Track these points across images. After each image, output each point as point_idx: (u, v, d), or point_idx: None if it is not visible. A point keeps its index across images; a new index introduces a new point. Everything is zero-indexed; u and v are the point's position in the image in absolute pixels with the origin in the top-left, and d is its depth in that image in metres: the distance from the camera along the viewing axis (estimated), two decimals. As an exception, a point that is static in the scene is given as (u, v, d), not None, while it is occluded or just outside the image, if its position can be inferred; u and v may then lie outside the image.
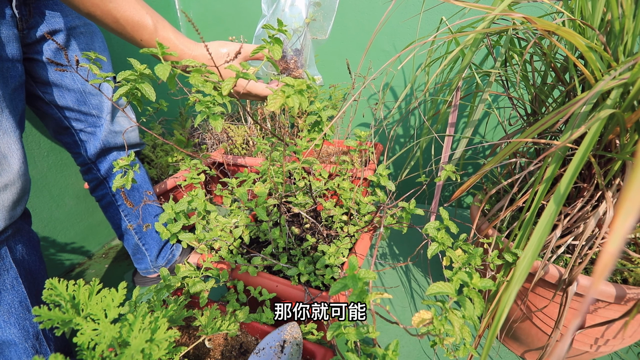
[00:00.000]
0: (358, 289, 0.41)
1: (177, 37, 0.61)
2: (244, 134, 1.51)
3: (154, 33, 0.57)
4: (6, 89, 0.61)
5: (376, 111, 1.17)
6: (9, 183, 0.59)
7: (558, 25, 0.49)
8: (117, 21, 0.54)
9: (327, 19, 0.69)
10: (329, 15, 0.69)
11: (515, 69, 0.80)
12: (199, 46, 0.63)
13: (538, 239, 0.47)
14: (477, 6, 0.59)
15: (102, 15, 0.54)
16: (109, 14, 0.54)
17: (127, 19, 0.54)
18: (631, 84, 0.49)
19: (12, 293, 0.63)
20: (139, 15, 0.55)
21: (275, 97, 0.47)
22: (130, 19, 0.54)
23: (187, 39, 0.62)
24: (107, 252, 1.32)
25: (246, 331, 0.65)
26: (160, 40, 0.57)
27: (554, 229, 0.64)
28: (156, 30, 0.57)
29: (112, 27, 0.56)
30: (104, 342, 0.36)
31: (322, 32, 0.71)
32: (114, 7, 0.53)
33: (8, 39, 0.62)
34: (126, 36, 0.57)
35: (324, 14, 0.69)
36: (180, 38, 0.61)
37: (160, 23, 0.58)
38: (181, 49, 0.61)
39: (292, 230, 0.89)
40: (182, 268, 0.71)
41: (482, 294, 0.80)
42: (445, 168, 0.74)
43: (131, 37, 0.57)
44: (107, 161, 0.92)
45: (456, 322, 0.43)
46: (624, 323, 0.62)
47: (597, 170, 0.57)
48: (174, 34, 0.60)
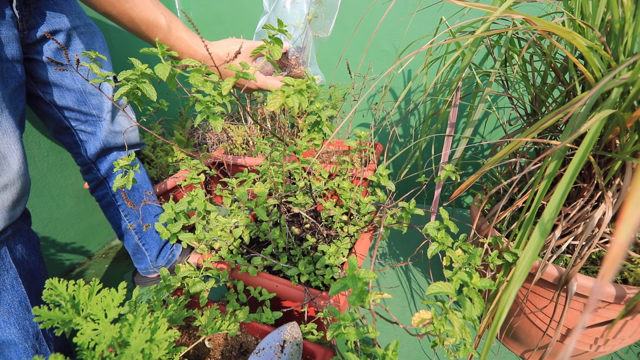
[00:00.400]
0: (358, 289, 0.41)
1: (190, 37, 0.60)
2: (244, 134, 1.51)
3: (167, 33, 0.57)
4: (6, 89, 0.61)
5: (376, 111, 1.17)
6: (9, 183, 0.59)
7: (558, 26, 0.49)
8: (132, 20, 0.55)
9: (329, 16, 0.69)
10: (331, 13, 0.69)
11: (515, 69, 0.80)
12: (211, 45, 0.62)
13: (538, 238, 0.47)
14: (478, 6, 0.59)
15: (118, 15, 0.55)
16: (125, 14, 0.54)
17: (142, 19, 0.55)
18: (631, 84, 0.49)
19: (11, 293, 0.63)
20: (153, 15, 0.55)
21: (274, 97, 0.47)
22: (145, 19, 0.55)
23: (199, 39, 0.62)
24: (107, 252, 1.32)
25: (246, 331, 0.65)
26: (174, 41, 0.58)
27: (554, 229, 0.64)
28: (170, 30, 0.57)
29: (128, 26, 0.56)
30: (104, 342, 0.36)
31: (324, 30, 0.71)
32: (130, 7, 0.54)
33: (8, 39, 0.62)
34: (141, 35, 0.58)
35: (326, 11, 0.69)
36: (193, 38, 0.61)
37: (174, 23, 0.58)
38: (194, 49, 0.61)
39: (292, 230, 0.89)
40: (182, 268, 0.71)
41: (482, 294, 0.81)
42: (444, 168, 0.74)
43: (146, 36, 0.58)
44: (107, 161, 0.92)
45: (456, 322, 0.43)
46: (625, 323, 0.62)
47: (597, 170, 0.57)
48: (187, 34, 0.60)
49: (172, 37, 0.58)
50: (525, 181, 0.76)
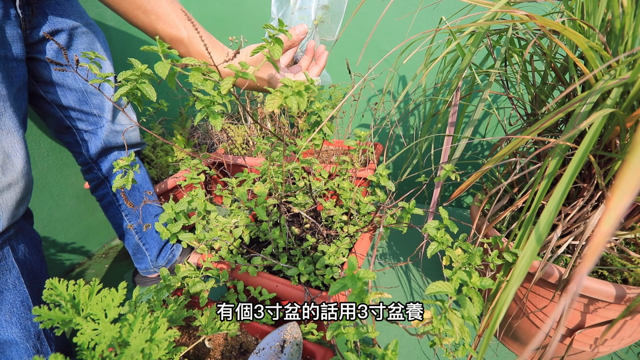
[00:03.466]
0: (357, 289, 0.41)
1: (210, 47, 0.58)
2: (244, 134, 1.51)
3: (189, 46, 0.56)
4: (11, 88, 0.61)
5: (376, 111, 1.17)
6: (13, 182, 0.60)
7: (559, 23, 0.49)
8: (157, 34, 0.55)
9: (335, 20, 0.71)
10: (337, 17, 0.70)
11: (515, 69, 0.80)
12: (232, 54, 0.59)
13: (537, 238, 0.47)
14: (478, 2, 0.59)
15: (143, 28, 0.55)
16: (149, 26, 0.54)
17: (165, 33, 0.54)
18: (631, 84, 0.48)
19: (14, 293, 0.63)
20: (176, 29, 0.54)
21: (273, 98, 0.47)
22: (168, 33, 0.54)
23: (219, 48, 0.59)
24: (107, 252, 1.32)
25: (246, 331, 0.65)
26: (195, 56, 0.56)
27: (554, 229, 0.64)
28: (191, 44, 0.56)
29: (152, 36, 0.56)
30: (104, 342, 0.36)
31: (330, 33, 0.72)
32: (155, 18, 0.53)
33: (13, 39, 0.62)
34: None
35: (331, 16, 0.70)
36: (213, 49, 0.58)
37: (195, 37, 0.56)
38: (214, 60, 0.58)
39: (292, 230, 0.89)
40: (182, 268, 0.71)
41: (482, 294, 0.81)
42: (444, 167, 0.74)
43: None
44: (108, 161, 0.92)
45: (456, 322, 0.43)
46: (624, 323, 0.62)
47: (597, 170, 0.57)
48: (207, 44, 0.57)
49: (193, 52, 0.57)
50: (525, 181, 0.76)
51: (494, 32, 0.79)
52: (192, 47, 0.56)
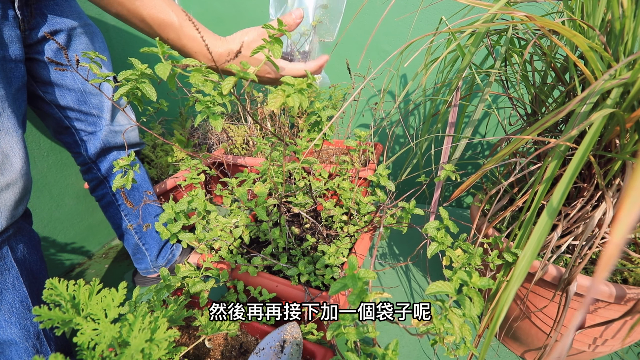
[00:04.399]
0: (358, 289, 0.41)
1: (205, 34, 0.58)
2: (244, 134, 1.51)
3: (179, 31, 0.55)
4: (10, 89, 0.61)
5: (376, 111, 1.17)
6: (11, 182, 0.60)
7: (558, 23, 0.49)
8: (143, 20, 0.54)
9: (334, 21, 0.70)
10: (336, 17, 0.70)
11: (515, 69, 0.80)
12: (224, 42, 0.60)
13: (537, 238, 0.47)
14: (478, 3, 0.59)
15: (128, 15, 0.54)
16: (135, 13, 0.53)
17: (153, 18, 0.53)
18: (631, 84, 0.49)
19: (13, 293, 0.63)
20: (164, 13, 0.54)
21: (275, 97, 0.47)
22: (156, 17, 0.54)
23: (211, 36, 0.59)
24: (107, 252, 1.32)
25: (246, 331, 0.65)
26: (186, 39, 0.56)
27: (554, 229, 0.64)
28: (181, 28, 0.55)
29: (139, 26, 0.55)
30: (104, 342, 0.36)
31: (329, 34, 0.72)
32: (140, 4, 0.53)
33: (11, 39, 0.62)
34: (154, 35, 0.56)
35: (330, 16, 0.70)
36: (207, 35, 0.58)
37: (186, 21, 0.56)
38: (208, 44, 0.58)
39: (292, 230, 0.89)
40: (182, 268, 0.71)
41: (482, 294, 0.81)
42: (444, 167, 0.74)
43: (158, 35, 0.56)
44: (107, 161, 0.92)
45: (456, 321, 0.43)
46: (624, 323, 0.62)
47: (597, 170, 0.57)
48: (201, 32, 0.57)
49: (184, 36, 0.56)
50: (526, 181, 0.76)
51: (494, 32, 0.79)
52: (182, 31, 0.55)
